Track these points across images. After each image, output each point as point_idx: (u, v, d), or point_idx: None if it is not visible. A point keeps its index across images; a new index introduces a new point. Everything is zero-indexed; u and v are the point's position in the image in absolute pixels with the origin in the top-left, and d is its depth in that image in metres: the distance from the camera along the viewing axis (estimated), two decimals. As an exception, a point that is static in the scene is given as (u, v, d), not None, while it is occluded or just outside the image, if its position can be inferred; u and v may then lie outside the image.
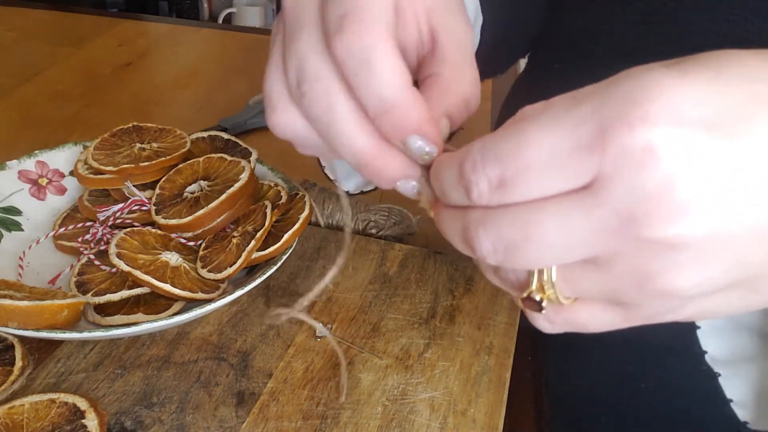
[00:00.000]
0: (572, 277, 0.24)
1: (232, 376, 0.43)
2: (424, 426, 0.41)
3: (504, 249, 0.23)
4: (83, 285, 0.46)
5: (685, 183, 0.20)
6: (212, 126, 0.75)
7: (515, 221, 0.23)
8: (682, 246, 0.21)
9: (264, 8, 2.43)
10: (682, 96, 0.20)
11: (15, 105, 0.80)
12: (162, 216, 0.49)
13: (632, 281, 0.22)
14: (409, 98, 0.26)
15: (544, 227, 0.22)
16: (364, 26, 0.26)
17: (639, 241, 0.21)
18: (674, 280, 0.21)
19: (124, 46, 0.98)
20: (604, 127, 0.21)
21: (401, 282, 0.52)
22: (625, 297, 0.23)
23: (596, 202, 0.21)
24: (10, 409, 0.38)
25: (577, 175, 0.21)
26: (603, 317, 0.25)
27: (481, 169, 0.23)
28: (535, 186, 0.22)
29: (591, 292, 0.24)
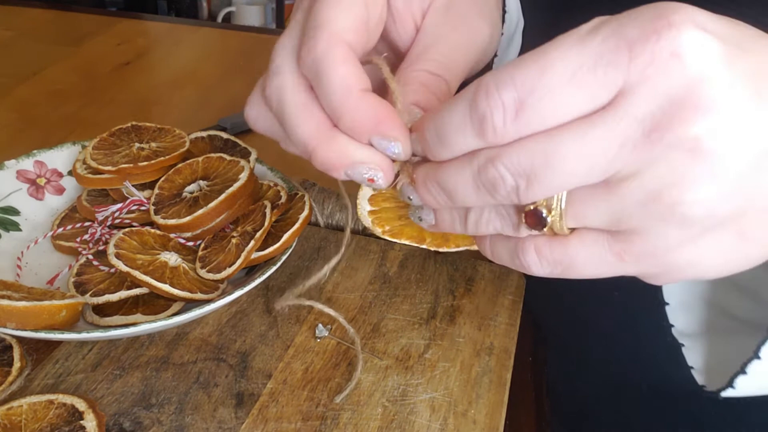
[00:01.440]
0: (581, 200, 0.24)
1: (231, 377, 0.43)
2: (425, 427, 0.40)
3: (527, 183, 0.23)
4: (82, 285, 0.45)
5: (711, 83, 0.21)
6: (211, 125, 0.75)
7: (533, 147, 0.22)
8: (701, 150, 0.21)
9: (263, 7, 2.42)
10: (700, 13, 0.21)
11: (13, 104, 0.80)
12: (161, 216, 0.49)
13: (641, 200, 0.22)
14: (360, 103, 0.27)
15: (566, 152, 0.22)
16: (319, 39, 0.28)
17: (660, 148, 0.21)
18: (683, 192, 0.22)
19: (123, 46, 0.98)
20: (629, 39, 0.21)
21: (401, 282, 0.52)
22: (629, 220, 0.23)
23: (620, 114, 0.21)
24: (8, 410, 0.38)
25: (601, 91, 0.22)
26: (596, 253, 0.25)
27: (496, 95, 0.22)
28: (556, 108, 0.22)
29: (596, 217, 0.24)
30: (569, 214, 0.24)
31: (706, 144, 0.21)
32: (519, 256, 0.26)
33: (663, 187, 0.22)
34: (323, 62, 0.28)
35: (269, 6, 2.46)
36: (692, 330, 0.42)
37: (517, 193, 0.23)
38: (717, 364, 0.40)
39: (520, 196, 0.24)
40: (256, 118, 0.32)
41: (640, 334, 0.47)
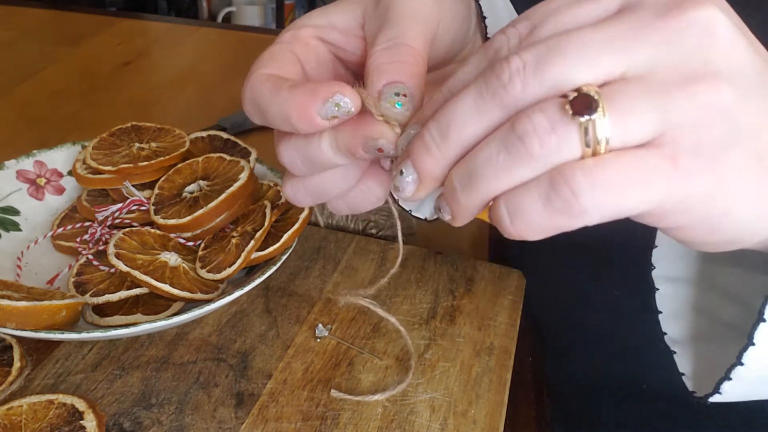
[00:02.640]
0: (619, 100, 0.23)
1: (231, 377, 0.43)
2: (425, 427, 0.40)
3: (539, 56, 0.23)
4: (82, 285, 0.45)
5: None
6: (211, 125, 0.75)
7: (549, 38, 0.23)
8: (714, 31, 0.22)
9: (263, 7, 2.42)
10: None
11: (13, 104, 0.80)
12: (161, 216, 0.49)
13: (676, 85, 0.22)
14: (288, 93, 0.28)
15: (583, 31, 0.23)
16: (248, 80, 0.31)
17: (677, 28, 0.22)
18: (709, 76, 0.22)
19: (123, 45, 0.98)
20: None
21: (401, 282, 0.52)
22: (672, 108, 0.22)
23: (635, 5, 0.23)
24: (8, 410, 0.38)
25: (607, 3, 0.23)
26: (649, 163, 0.22)
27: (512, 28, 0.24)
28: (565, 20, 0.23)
29: (641, 124, 0.23)
30: (613, 111, 0.22)
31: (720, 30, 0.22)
32: (561, 186, 0.22)
33: (692, 70, 0.22)
34: (253, 93, 0.31)
35: (269, 6, 2.46)
36: (683, 337, 0.43)
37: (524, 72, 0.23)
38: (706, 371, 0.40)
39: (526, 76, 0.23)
40: (293, 192, 0.34)
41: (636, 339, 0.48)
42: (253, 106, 0.31)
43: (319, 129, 0.29)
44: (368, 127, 0.28)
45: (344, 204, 0.33)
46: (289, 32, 0.34)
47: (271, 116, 0.30)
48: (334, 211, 0.34)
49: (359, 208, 0.33)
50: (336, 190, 0.32)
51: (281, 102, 0.29)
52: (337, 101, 0.28)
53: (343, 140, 0.29)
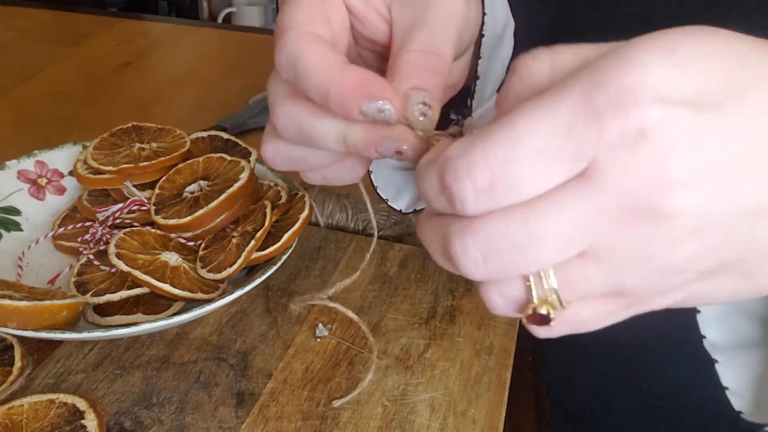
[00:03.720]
0: (572, 278, 0.23)
1: (231, 377, 0.43)
2: (425, 426, 0.41)
3: (497, 253, 0.22)
4: (82, 285, 0.46)
5: (677, 160, 0.21)
6: (212, 126, 0.75)
7: (508, 221, 0.22)
8: (677, 217, 0.21)
9: (264, 8, 2.42)
10: (670, 77, 0.21)
11: (14, 105, 0.80)
12: (161, 216, 0.49)
13: (633, 264, 0.22)
14: (342, 72, 0.27)
15: (541, 221, 0.22)
16: (286, 37, 0.29)
17: (636, 219, 0.21)
18: (673, 253, 0.22)
19: (124, 46, 0.98)
20: (597, 114, 0.21)
21: (401, 282, 0.52)
22: (627, 284, 0.23)
23: (593, 186, 0.21)
24: (9, 409, 0.38)
25: (572, 164, 0.22)
26: (604, 311, 0.25)
27: (466, 174, 0.22)
28: (527, 184, 0.22)
29: (593, 287, 0.24)
30: (566, 293, 0.24)
31: (681, 212, 0.21)
32: (532, 330, 0.26)
33: (651, 253, 0.22)
34: (296, 53, 0.28)
35: (269, 7, 2.46)
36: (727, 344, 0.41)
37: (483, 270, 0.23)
38: (760, 388, 0.38)
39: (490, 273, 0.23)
40: (273, 154, 0.32)
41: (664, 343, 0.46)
42: (290, 64, 0.29)
43: (352, 119, 0.28)
44: (391, 128, 0.28)
45: (320, 175, 0.33)
46: None
47: (307, 83, 0.28)
48: (307, 180, 0.33)
49: (334, 182, 0.33)
50: (319, 164, 0.32)
51: (327, 76, 0.27)
52: (382, 107, 0.27)
53: (357, 136, 0.28)
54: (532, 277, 0.23)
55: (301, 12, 0.30)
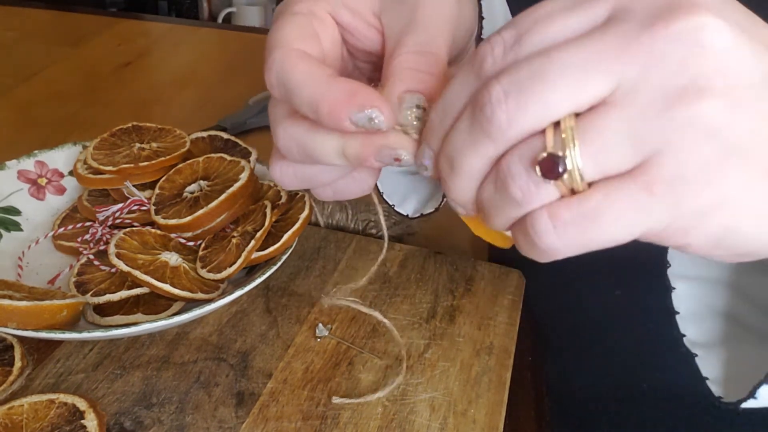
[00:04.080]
0: (595, 132, 0.22)
1: (231, 377, 0.43)
2: (425, 426, 0.41)
3: (519, 87, 0.22)
4: (82, 285, 0.46)
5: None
6: (212, 126, 0.75)
7: (533, 57, 0.22)
8: (706, 43, 0.20)
9: (264, 8, 2.42)
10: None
11: (14, 105, 0.80)
12: (161, 216, 0.49)
13: (659, 108, 0.21)
14: (329, 84, 0.27)
15: (565, 51, 0.21)
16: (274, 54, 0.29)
17: (663, 45, 0.21)
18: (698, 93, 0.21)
19: (124, 46, 0.98)
20: None
21: (401, 282, 0.52)
22: (653, 138, 0.21)
23: (619, 19, 0.21)
24: (9, 409, 0.38)
25: (597, 12, 0.22)
26: (622, 195, 0.22)
27: (495, 35, 0.23)
28: (553, 30, 0.22)
29: (616, 145, 0.22)
30: (586, 151, 0.22)
31: (709, 36, 0.20)
32: (529, 230, 0.23)
33: (677, 89, 0.21)
34: (284, 69, 0.29)
35: (269, 7, 2.46)
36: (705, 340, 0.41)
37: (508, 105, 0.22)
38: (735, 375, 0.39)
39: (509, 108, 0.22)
40: (281, 174, 0.33)
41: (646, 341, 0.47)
42: (279, 81, 0.29)
43: (345, 131, 0.28)
44: (385, 136, 0.28)
45: (331, 191, 0.33)
46: (304, 3, 0.32)
47: (297, 98, 0.28)
48: (318, 196, 0.34)
49: (345, 196, 0.33)
50: (327, 179, 0.32)
51: (315, 90, 0.27)
52: (371, 116, 0.27)
53: (354, 148, 0.28)
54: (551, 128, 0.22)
55: (288, 30, 0.30)
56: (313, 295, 0.50)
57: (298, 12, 0.31)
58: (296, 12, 0.31)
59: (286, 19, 0.31)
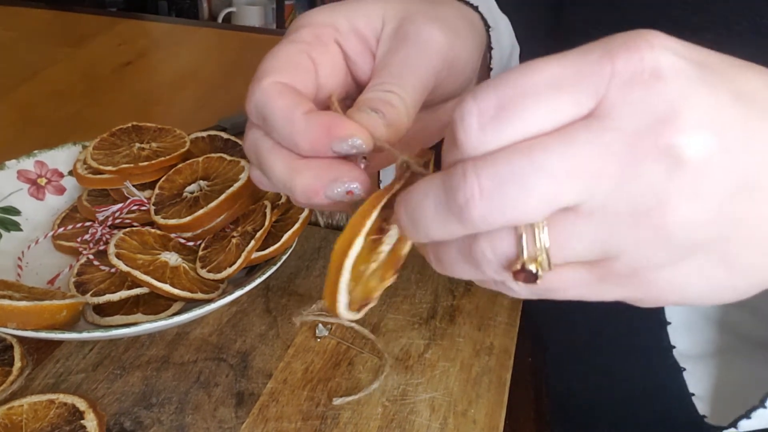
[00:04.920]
0: (564, 235, 0.22)
1: (231, 377, 0.43)
2: (425, 426, 0.41)
3: (497, 187, 0.21)
4: (82, 285, 0.45)
5: (693, 103, 0.21)
6: (212, 126, 0.75)
7: (513, 154, 0.21)
8: (683, 163, 0.21)
9: (264, 7, 2.43)
10: (675, 41, 0.22)
11: (14, 105, 0.80)
12: (161, 216, 0.49)
13: (627, 220, 0.21)
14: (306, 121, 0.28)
15: (549, 157, 0.21)
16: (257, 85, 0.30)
17: (643, 162, 0.21)
18: (670, 213, 0.21)
19: (124, 46, 0.98)
20: (610, 52, 0.21)
21: (401, 282, 0.52)
22: (615, 246, 0.22)
23: (602, 125, 0.21)
24: (9, 409, 0.38)
25: (584, 97, 0.21)
26: (577, 278, 0.24)
27: (472, 104, 0.22)
28: (532, 114, 0.21)
29: (581, 250, 0.22)
30: (556, 252, 0.23)
31: (689, 158, 0.21)
32: (507, 290, 0.25)
33: (648, 207, 0.21)
34: (263, 104, 0.29)
35: (269, 6, 2.46)
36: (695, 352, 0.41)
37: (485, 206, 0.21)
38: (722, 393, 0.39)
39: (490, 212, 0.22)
40: (257, 179, 0.33)
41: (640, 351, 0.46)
42: (258, 113, 0.30)
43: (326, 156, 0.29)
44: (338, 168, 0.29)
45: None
46: (309, 29, 0.32)
47: (275, 133, 0.29)
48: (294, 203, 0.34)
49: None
50: None
51: (293, 128, 0.28)
52: (353, 143, 0.28)
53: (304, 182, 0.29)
54: (525, 231, 0.22)
55: (279, 60, 0.31)
56: (312, 296, 0.50)
57: (298, 40, 0.32)
58: (296, 40, 0.32)
59: (282, 46, 0.31)
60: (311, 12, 0.33)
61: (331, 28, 0.32)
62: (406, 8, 0.33)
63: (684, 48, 0.22)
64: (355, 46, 0.33)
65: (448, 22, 0.34)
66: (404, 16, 0.33)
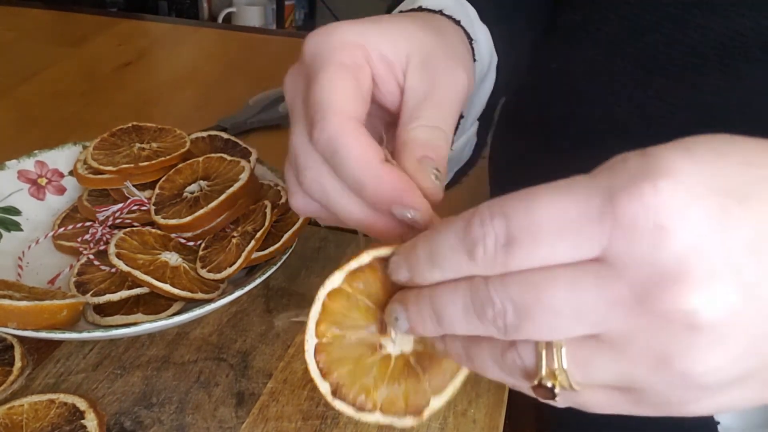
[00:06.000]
0: (584, 361, 0.22)
1: (231, 377, 0.43)
2: (424, 426, 0.41)
3: (514, 311, 0.22)
4: (83, 285, 0.46)
5: (702, 256, 0.20)
6: (212, 126, 0.75)
7: (524, 282, 0.22)
8: (701, 324, 0.20)
9: (264, 8, 2.43)
10: (688, 172, 0.20)
11: (14, 105, 0.80)
12: (161, 216, 0.49)
13: (648, 363, 0.21)
14: (381, 174, 0.29)
15: (556, 292, 0.21)
16: (329, 120, 0.30)
17: (655, 317, 0.20)
18: (693, 363, 0.21)
19: (124, 46, 0.98)
20: (613, 198, 0.20)
21: (401, 282, 0.52)
22: (639, 382, 0.22)
23: (609, 274, 0.21)
24: (9, 409, 0.38)
25: (587, 245, 0.21)
26: (611, 402, 0.24)
27: (489, 223, 0.22)
28: (542, 250, 0.22)
29: (603, 377, 0.23)
30: (575, 374, 0.23)
31: (705, 317, 0.20)
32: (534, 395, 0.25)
33: (669, 355, 0.21)
34: (338, 140, 0.29)
35: (269, 7, 2.46)
36: (738, 426, 0.40)
37: (505, 320, 0.23)
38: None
39: (507, 324, 0.23)
40: (303, 207, 0.34)
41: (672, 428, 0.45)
42: (329, 148, 0.30)
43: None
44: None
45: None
46: (347, 52, 0.32)
47: (344, 172, 0.30)
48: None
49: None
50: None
51: (365, 174, 0.29)
52: (413, 215, 0.29)
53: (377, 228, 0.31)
54: (544, 349, 0.23)
55: (340, 89, 0.31)
56: (312, 296, 0.50)
57: (344, 63, 0.32)
58: (343, 63, 0.31)
59: (335, 72, 0.31)
60: (339, 29, 0.33)
61: (362, 50, 0.33)
62: (425, 42, 0.34)
63: (695, 179, 0.20)
64: (381, 70, 0.33)
65: (464, 58, 0.35)
66: (429, 51, 0.33)
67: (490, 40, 0.41)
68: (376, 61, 0.33)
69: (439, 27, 0.36)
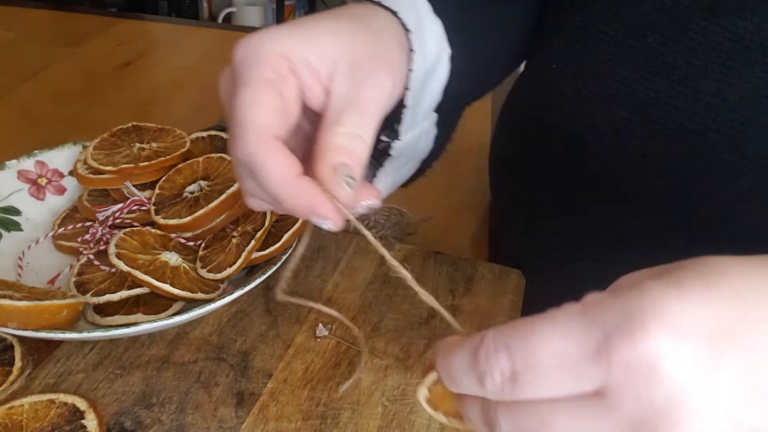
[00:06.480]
0: None
1: (231, 377, 0.43)
2: (424, 426, 0.41)
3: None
4: (83, 285, 0.46)
5: (688, 400, 0.21)
6: (212, 126, 0.75)
7: (530, 413, 0.24)
8: None
9: (264, 7, 2.43)
10: (676, 311, 0.22)
11: (14, 105, 0.80)
12: (161, 216, 0.49)
13: None
14: (296, 190, 0.31)
15: (558, 424, 0.23)
16: (247, 138, 0.31)
17: None
18: None
19: (124, 46, 0.98)
20: (608, 339, 0.22)
21: (401, 282, 0.52)
22: None
23: (607, 410, 0.22)
24: (9, 409, 0.38)
25: (585, 381, 0.23)
26: None
27: (494, 358, 0.24)
28: (544, 385, 0.23)
29: None
30: None
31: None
32: None
33: None
34: (255, 158, 0.31)
35: (269, 7, 2.46)
36: None
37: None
38: None
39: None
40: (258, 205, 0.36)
41: None
42: (247, 164, 0.32)
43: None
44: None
45: None
46: (268, 65, 0.33)
47: (262, 185, 0.32)
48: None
49: None
50: None
51: (281, 189, 0.31)
52: (326, 223, 0.32)
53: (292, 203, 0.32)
54: None
55: (260, 106, 0.32)
56: (313, 296, 0.50)
57: (267, 78, 0.32)
58: (266, 78, 0.32)
59: (255, 88, 0.32)
60: (267, 40, 0.33)
61: (286, 61, 0.33)
62: (353, 47, 0.34)
63: (685, 319, 0.22)
64: (307, 78, 0.34)
65: (391, 61, 0.36)
66: (356, 56, 0.34)
67: (442, 32, 0.41)
68: (302, 70, 0.34)
69: (375, 26, 0.36)
